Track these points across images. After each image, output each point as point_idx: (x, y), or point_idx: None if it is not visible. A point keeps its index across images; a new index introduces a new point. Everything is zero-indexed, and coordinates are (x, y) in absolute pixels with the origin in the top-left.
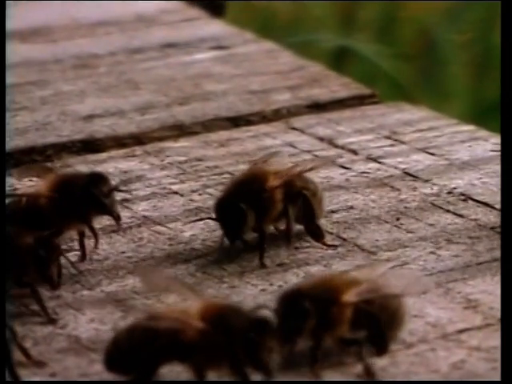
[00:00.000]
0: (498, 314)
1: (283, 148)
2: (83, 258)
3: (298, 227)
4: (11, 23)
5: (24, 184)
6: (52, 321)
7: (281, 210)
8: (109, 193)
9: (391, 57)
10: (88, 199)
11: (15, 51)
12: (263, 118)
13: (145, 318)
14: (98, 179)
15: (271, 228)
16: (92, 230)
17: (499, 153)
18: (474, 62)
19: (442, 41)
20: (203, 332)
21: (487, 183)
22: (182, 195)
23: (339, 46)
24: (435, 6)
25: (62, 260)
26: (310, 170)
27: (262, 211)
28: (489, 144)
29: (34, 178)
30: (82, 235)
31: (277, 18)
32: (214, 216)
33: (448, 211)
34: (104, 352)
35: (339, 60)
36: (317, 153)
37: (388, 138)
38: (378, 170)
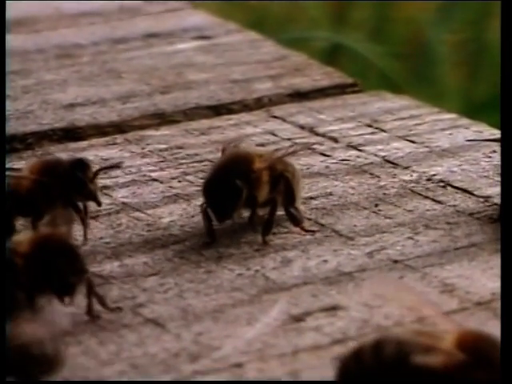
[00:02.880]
0: (474, 298)
1: (264, 136)
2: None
3: (278, 213)
4: None
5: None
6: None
7: (267, 192)
8: (93, 178)
9: (384, 55)
10: (74, 183)
11: (5, 54)
12: (245, 106)
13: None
14: (83, 164)
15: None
16: (79, 212)
17: (477, 142)
18: (466, 62)
19: (435, 40)
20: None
21: (466, 170)
22: (161, 182)
23: (332, 44)
24: (428, 5)
25: None
26: (291, 153)
27: (252, 192)
28: (470, 132)
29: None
30: (78, 212)
31: (271, 17)
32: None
33: (427, 197)
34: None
35: (332, 58)
36: (297, 141)
37: (369, 126)
38: (358, 157)
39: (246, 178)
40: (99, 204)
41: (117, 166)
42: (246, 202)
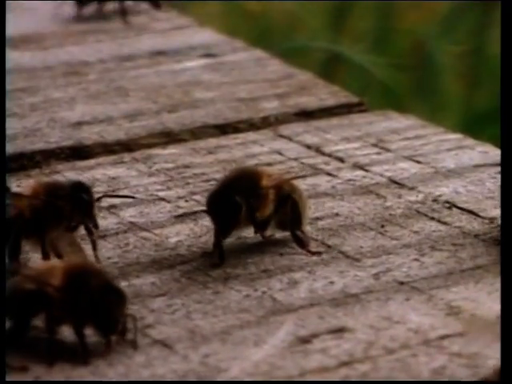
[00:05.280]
0: (480, 321)
1: (271, 155)
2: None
3: (284, 234)
4: None
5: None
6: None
7: (272, 211)
8: (96, 201)
9: (384, 66)
10: (80, 205)
11: (6, 58)
12: (251, 125)
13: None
14: (85, 187)
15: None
16: (91, 234)
17: (485, 166)
18: (468, 73)
19: (437, 52)
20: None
21: (472, 191)
22: (168, 202)
23: (332, 55)
24: (430, 16)
25: None
26: (300, 177)
27: (255, 208)
28: (475, 152)
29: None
30: (90, 233)
31: (272, 27)
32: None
33: (432, 219)
34: None
35: (332, 69)
36: (304, 160)
37: (375, 145)
38: (364, 177)
39: (251, 195)
40: (97, 227)
41: (122, 196)
42: (248, 219)
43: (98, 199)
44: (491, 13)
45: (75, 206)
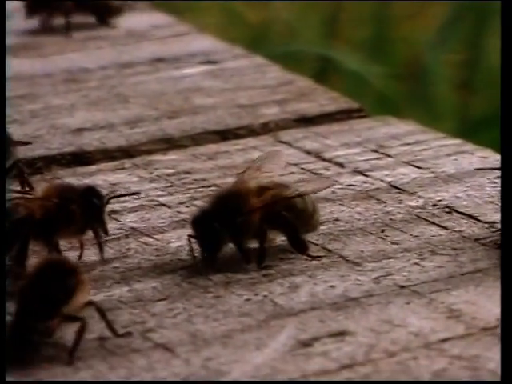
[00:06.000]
0: (480, 324)
1: None
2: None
3: (284, 238)
4: None
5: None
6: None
7: (257, 230)
8: (105, 204)
9: (382, 76)
10: (91, 208)
11: (6, 65)
12: (251, 131)
13: None
14: (97, 191)
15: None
16: (99, 238)
17: (485, 170)
18: (463, 82)
19: (433, 61)
20: None
21: (472, 196)
22: (169, 207)
23: (328, 63)
24: (426, 25)
25: None
26: (297, 196)
27: (238, 232)
28: (475, 157)
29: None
30: (97, 237)
31: (269, 37)
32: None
33: (433, 223)
34: None
35: (327, 78)
36: (304, 166)
37: (375, 151)
38: (364, 182)
39: (233, 220)
40: (107, 232)
41: (128, 194)
42: (233, 239)
43: (107, 202)
44: (486, 21)
45: (86, 210)
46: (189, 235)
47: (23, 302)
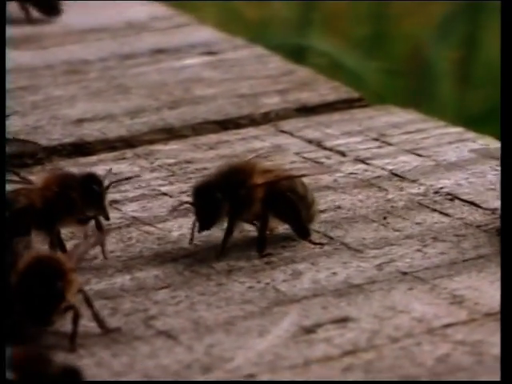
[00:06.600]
0: (483, 309)
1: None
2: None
3: (286, 226)
4: None
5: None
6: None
7: (259, 209)
8: (105, 191)
9: (382, 72)
10: (91, 196)
11: (7, 57)
12: (252, 121)
13: None
14: (97, 178)
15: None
16: (100, 227)
17: (479, 153)
18: (463, 77)
19: (433, 57)
20: None
21: (474, 183)
22: (170, 196)
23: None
24: (426, 21)
25: None
26: (301, 176)
27: (238, 207)
28: (476, 145)
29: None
30: (99, 228)
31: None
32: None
33: (435, 210)
34: None
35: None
36: (305, 155)
37: (376, 140)
38: (366, 170)
39: (235, 192)
40: (108, 218)
41: (128, 178)
42: (231, 215)
43: (108, 187)
44: (484, 16)
45: (86, 198)
46: (189, 202)
47: (12, 309)
